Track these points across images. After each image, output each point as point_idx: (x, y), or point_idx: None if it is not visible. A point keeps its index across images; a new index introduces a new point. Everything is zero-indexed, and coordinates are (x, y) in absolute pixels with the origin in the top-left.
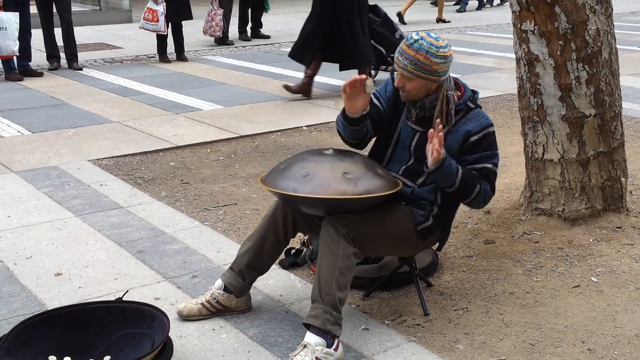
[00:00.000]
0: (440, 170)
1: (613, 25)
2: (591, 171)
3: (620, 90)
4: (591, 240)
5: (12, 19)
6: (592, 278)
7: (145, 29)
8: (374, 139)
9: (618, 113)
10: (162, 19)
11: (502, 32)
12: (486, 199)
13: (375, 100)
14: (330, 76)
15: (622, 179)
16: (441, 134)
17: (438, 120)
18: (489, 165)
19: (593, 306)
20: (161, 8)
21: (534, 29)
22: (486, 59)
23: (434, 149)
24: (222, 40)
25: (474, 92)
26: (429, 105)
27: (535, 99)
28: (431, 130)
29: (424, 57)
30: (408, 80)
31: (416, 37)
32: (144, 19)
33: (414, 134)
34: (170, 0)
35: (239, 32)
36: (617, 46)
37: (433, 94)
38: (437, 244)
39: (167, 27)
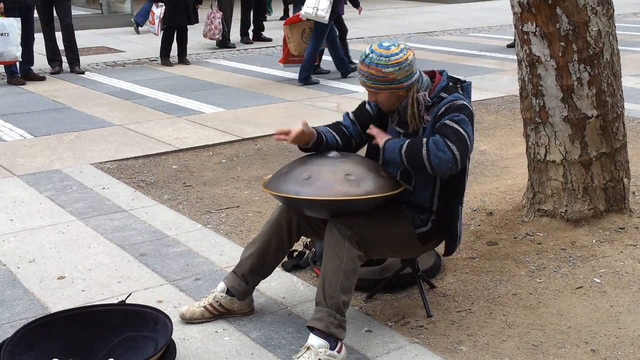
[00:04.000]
0: (385, 151)
1: (614, 26)
2: (593, 172)
3: (622, 91)
4: (594, 241)
5: (14, 24)
6: (595, 279)
7: (149, 31)
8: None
9: (620, 114)
10: (157, 22)
11: (504, 33)
12: (439, 152)
13: (367, 105)
14: (333, 78)
15: (625, 180)
16: (374, 131)
17: (370, 129)
18: (445, 121)
19: (596, 307)
20: (159, 11)
21: (536, 31)
22: (488, 60)
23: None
24: (224, 43)
25: (457, 82)
26: (402, 111)
27: (537, 101)
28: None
29: (375, 70)
30: (375, 94)
31: (367, 52)
32: (148, 20)
33: (399, 136)
34: (168, 4)
35: (240, 35)
36: (619, 47)
37: (405, 100)
38: (445, 249)
39: (160, 30)
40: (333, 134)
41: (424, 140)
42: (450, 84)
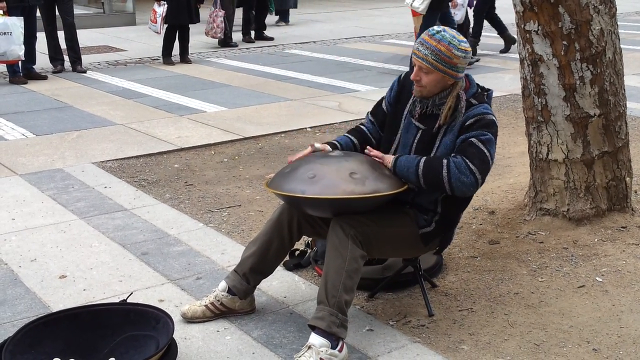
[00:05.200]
0: (397, 168)
1: (617, 25)
2: (596, 171)
3: (624, 90)
4: (596, 240)
5: (16, 23)
6: (597, 278)
7: (150, 29)
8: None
9: (622, 113)
10: (159, 20)
11: None
12: (462, 176)
13: (383, 104)
14: (333, 77)
15: (627, 179)
16: (373, 153)
17: (367, 150)
18: (472, 139)
19: (598, 306)
20: (160, 10)
21: (538, 30)
22: (490, 59)
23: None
24: (226, 42)
25: (484, 90)
26: (439, 102)
27: (540, 99)
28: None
29: (445, 47)
30: (425, 74)
31: (438, 29)
32: (150, 19)
33: (417, 131)
34: (170, 2)
35: (242, 34)
36: (621, 46)
37: (445, 91)
38: (439, 247)
39: (163, 29)
40: (349, 137)
41: (444, 161)
42: (479, 90)
